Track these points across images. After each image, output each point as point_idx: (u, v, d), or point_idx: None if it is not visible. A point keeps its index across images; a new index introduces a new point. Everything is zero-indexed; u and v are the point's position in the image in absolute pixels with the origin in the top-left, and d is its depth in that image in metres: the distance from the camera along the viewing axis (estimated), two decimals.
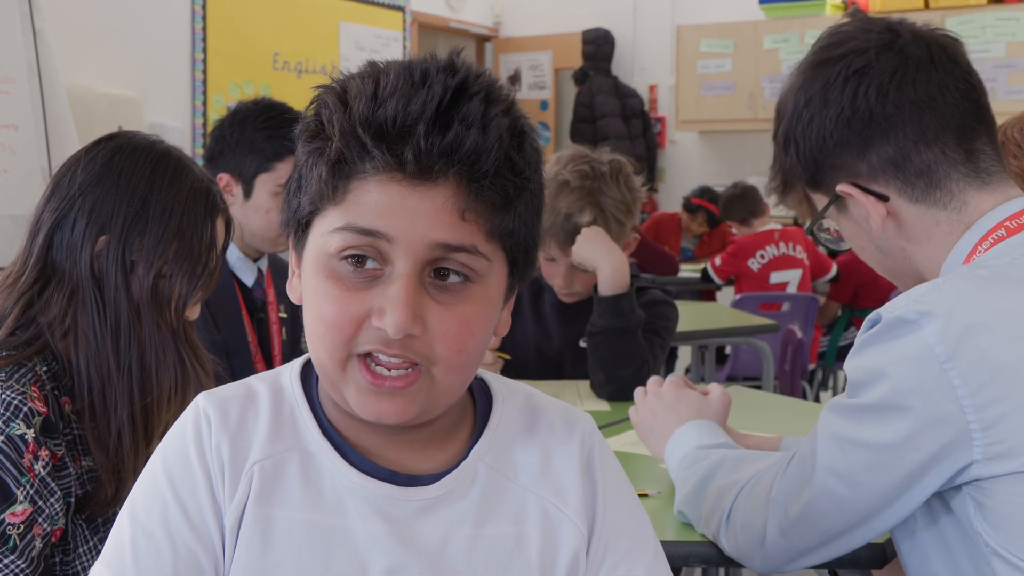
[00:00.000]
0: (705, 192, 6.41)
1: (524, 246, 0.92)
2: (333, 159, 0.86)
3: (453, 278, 0.88)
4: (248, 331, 2.30)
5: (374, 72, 0.88)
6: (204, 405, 0.94)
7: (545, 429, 0.99)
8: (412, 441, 0.94)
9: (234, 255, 2.32)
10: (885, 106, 1.26)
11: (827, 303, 5.17)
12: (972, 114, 1.27)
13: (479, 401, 1.00)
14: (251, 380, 0.98)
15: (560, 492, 0.96)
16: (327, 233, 0.88)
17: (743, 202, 5.39)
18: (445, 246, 0.86)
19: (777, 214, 6.08)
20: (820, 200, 1.36)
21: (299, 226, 0.92)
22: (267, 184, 2.28)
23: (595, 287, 2.32)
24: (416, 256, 0.86)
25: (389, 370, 0.87)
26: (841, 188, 1.31)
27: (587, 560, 0.96)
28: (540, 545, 0.94)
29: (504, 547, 0.93)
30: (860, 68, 1.27)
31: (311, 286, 0.90)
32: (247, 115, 2.30)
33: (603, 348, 2.29)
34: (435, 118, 0.84)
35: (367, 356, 0.87)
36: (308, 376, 0.98)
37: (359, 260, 0.87)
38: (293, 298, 0.95)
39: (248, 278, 2.34)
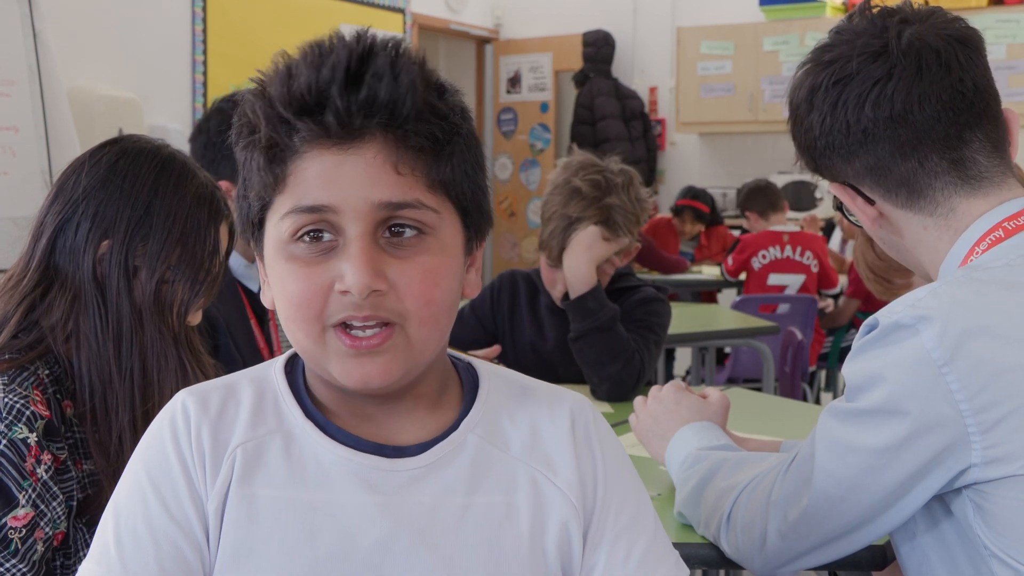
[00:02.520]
0: (688, 191, 6.36)
1: (471, 196, 0.94)
2: (265, 145, 0.90)
3: (407, 232, 0.90)
4: (257, 337, 2.30)
5: (286, 59, 0.92)
6: (183, 399, 0.95)
7: (534, 404, 1.01)
8: (399, 408, 0.96)
9: (240, 263, 2.32)
10: (861, 119, 1.26)
11: (848, 301, 5.06)
12: (958, 123, 1.25)
13: (465, 380, 1.01)
14: (233, 375, 1.00)
15: (550, 463, 0.97)
16: (278, 221, 0.91)
17: (764, 194, 5.38)
18: (389, 204, 0.88)
19: (793, 216, 6.06)
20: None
21: (254, 228, 0.95)
22: None
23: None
24: (364, 218, 0.88)
25: (364, 331, 0.89)
26: (833, 187, 1.34)
27: (588, 535, 0.97)
28: (530, 515, 0.95)
29: (494, 516, 0.94)
30: (843, 78, 1.27)
31: (275, 274, 0.93)
32: (231, 117, 2.27)
33: (586, 351, 2.30)
34: (346, 79, 0.87)
35: (343, 325, 0.89)
36: (294, 366, 1.00)
37: (313, 237, 0.90)
38: (267, 304, 0.98)
39: (254, 284, 2.34)
